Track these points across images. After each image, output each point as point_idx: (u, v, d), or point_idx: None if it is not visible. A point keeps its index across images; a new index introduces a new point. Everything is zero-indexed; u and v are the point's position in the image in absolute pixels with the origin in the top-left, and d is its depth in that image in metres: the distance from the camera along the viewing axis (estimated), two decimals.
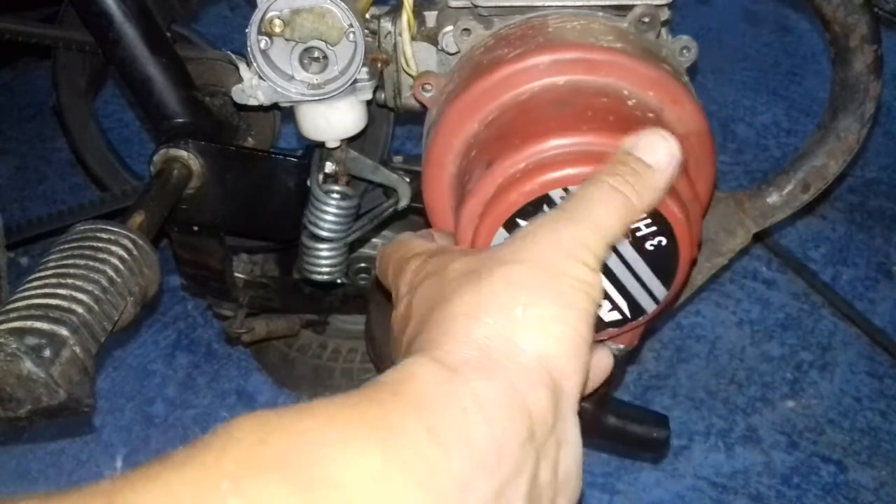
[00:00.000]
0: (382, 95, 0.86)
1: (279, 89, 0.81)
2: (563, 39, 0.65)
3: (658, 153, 0.51)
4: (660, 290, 0.61)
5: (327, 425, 0.38)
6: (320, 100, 0.82)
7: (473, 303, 0.44)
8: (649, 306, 0.61)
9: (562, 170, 0.56)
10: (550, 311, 0.44)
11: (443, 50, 0.75)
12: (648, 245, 0.59)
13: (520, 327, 0.43)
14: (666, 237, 0.58)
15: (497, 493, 0.39)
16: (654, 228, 0.58)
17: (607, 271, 0.59)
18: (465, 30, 0.69)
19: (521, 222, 0.58)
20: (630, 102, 0.63)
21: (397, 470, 0.37)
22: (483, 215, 0.59)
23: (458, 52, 0.71)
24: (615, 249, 0.58)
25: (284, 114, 0.98)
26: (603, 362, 0.58)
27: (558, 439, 0.43)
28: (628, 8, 0.70)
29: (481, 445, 0.39)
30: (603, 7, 0.69)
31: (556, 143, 0.58)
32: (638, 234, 0.58)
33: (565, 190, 0.56)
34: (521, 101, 0.63)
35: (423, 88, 0.69)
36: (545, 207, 0.57)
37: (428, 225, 0.68)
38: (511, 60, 0.63)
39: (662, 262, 0.59)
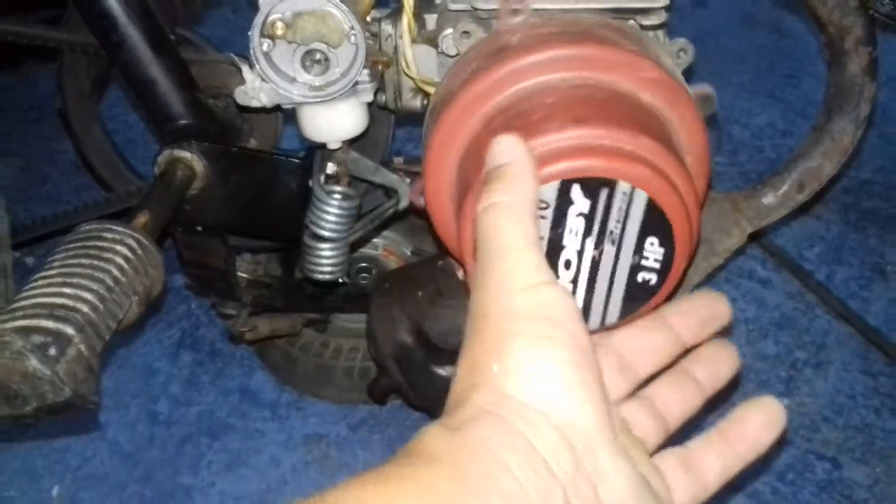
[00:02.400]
0: (383, 97, 0.86)
1: (281, 91, 0.82)
2: (565, 36, 0.66)
3: (500, 151, 0.53)
4: (613, 315, 0.62)
5: (358, 492, 0.40)
6: (322, 102, 0.83)
7: (462, 368, 0.46)
8: (593, 323, 0.61)
9: (573, 160, 0.58)
10: (516, 361, 0.44)
11: (443, 52, 0.76)
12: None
13: (501, 381, 0.44)
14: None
15: None
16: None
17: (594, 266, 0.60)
18: (465, 32, 0.70)
19: None
20: (630, 99, 0.64)
21: None
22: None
23: (458, 54, 0.72)
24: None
25: (286, 115, 0.99)
26: (764, 416, 0.57)
27: (591, 476, 0.43)
28: (626, 11, 0.71)
29: (503, 480, 0.40)
30: (601, 10, 0.70)
31: (565, 135, 0.59)
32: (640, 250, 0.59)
33: (580, 184, 0.57)
34: (526, 97, 0.64)
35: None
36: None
37: (429, 225, 0.69)
38: (513, 57, 0.64)
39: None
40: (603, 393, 0.45)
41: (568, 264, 0.60)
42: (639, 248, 0.62)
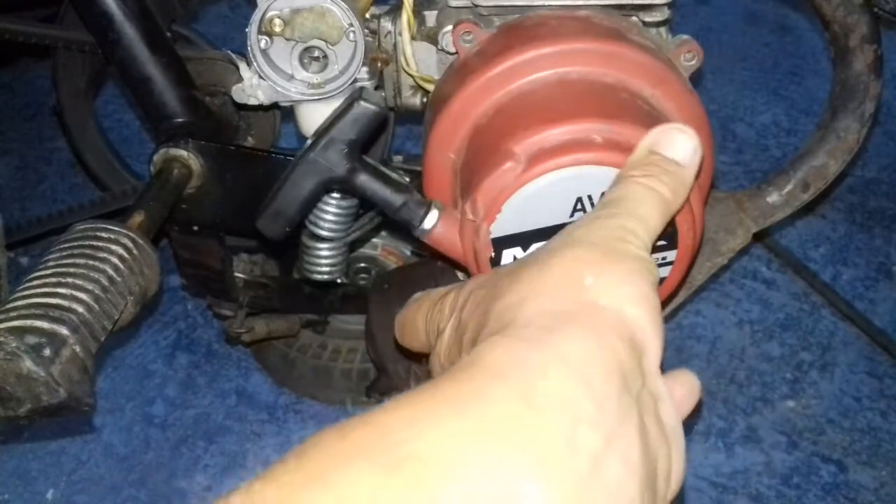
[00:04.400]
0: (383, 95, 0.86)
1: (279, 89, 0.81)
2: (566, 33, 0.65)
3: (682, 148, 0.50)
4: None
5: (406, 411, 0.36)
6: (320, 99, 0.82)
7: (537, 285, 0.43)
8: None
9: (574, 154, 0.57)
10: (619, 278, 0.42)
11: (443, 49, 0.75)
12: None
13: (593, 291, 0.42)
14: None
15: (606, 446, 0.37)
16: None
17: None
18: (466, 31, 0.69)
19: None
20: (630, 92, 0.63)
21: (491, 436, 0.35)
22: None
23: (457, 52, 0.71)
24: None
25: (284, 113, 0.98)
26: (687, 387, 0.56)
27: (653, 393, 0.42)
28: (627, 7, 0.70)
29: (577, 400, 0.37)
30: (604, 6, 0.70)
31: (568, 129, 0.58)
32: None
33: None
34: (527, 93, 0.63)
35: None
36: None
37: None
38: (517, 51, 0.63)
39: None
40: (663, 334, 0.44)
41: None
42: None
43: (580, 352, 0.39)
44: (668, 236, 0.61)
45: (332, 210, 0.89)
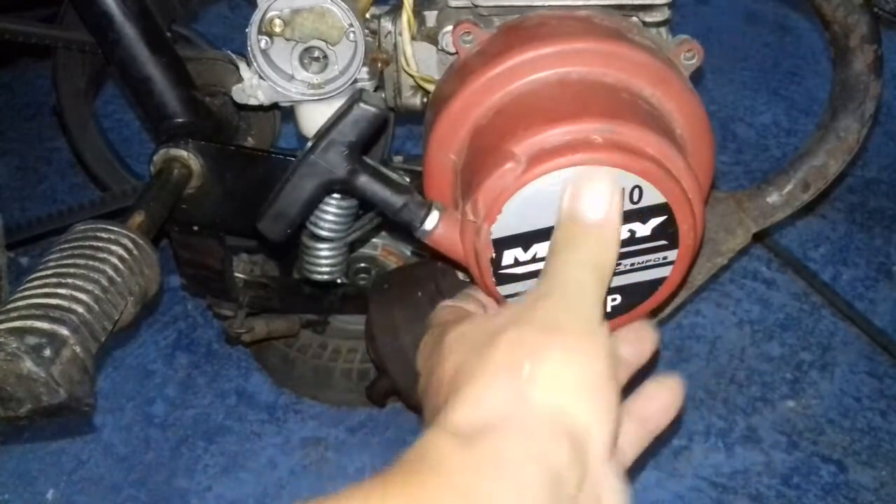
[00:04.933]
0: (383, 95, 0.85)
1: (279, 89, 0.81)
2: (567, 33, 0.65)
3: (597, 204, 0.51)
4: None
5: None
6: (320, 99, 0.82)
7: (481, 375, 0.45)
8: None
9: (577, 154, 0.57)
10: (557, 364, 0.44)
11: (443, 50, 0.75)
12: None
13: (529, 384, 0.43)
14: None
15: None
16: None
17: None
18: (466, 32, 0.69)
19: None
20: (630, 92, 0.63)
21: None
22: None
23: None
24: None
25: (284, 113, 0.98)
26: (660, 401, 0.56)
27: (594, 494, 0.43)
28: (627, 7, 0.70)
29: None
30: (603, 6, 0.70)
31: (569, 129, 0.58)
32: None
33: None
34: (527, 92, 0.63)
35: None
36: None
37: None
38: (517, 51, 0.63)
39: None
40: (619, 411, 0.45)
41: None
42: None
43: (513, 458, 0.41)
44: (668, 236, 0.61)
45: (332, 210, 0.88)
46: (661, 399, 0.56)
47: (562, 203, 0.52)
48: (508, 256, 0.61)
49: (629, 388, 0.57)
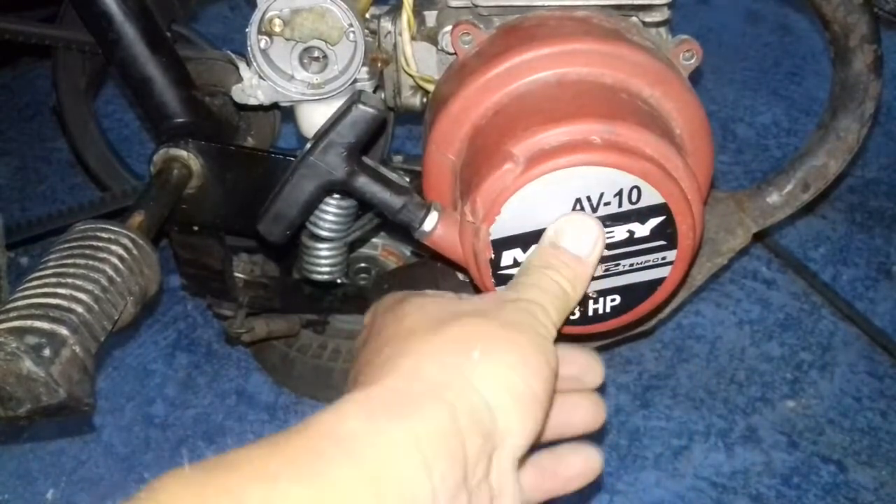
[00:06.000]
0: (382, 95, 0.86)
1: (279, 89, 0.81)
2: (566, 33, 0.65)
3: (583, 242, 0.53)
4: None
5: (254, 479, 0.38)
6: (320, 99, 0.82)
7: (430, 343, 0.45)
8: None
9: (577, 154, 0.58)
10: (508, 360, 0.44)
11: (443, 49, 0.75)
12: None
13: (476, 369, 0.43)
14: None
15: None
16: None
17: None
18: (465, 32, 0.69)
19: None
20: (629, 93, 0.63)
21: None
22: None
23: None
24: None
25: (284, 113, 0.98)
26: (581, 466, 0.56)
27: (492, 489, 0.43)
28: (626, 7, 0.70)
29: (416, 490, 0.39)
30: (602, 6, 0.70)
31: (568, 130, 0.59)
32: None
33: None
34: (527, 93, 0.63)
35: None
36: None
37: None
38: (516, 51, 0.63)
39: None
40: (540, 430, 0.46)
41: None
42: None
43: (433, 440, 0.40)
44: (667, 236, 0.61)
45: (331, 210, 0.89)
46: (578, 466, 0.57)
47: (547, 232, 0.54)
48: (507, 257, 0.61)
49: None
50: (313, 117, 0.84)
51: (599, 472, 0.56)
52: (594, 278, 0.62)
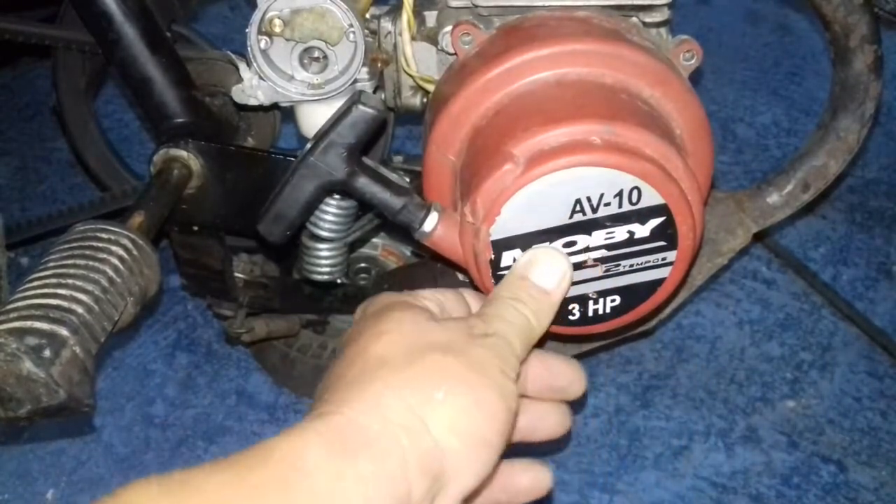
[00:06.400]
0: (382, 95, 0.85)
1: (279, 89, 0.81)
2: (566, 34, 0.65)
3: (550, 275, 0.55)
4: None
5: (217, 492, 0.40)
6: (320, 100, 0.82)
7: (397, 377, 0.47)
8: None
9: (576, 155, 0.58)
10: (465, 404, 0.46)
11: (443, 50, 0.75)
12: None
13: (435, 410, 0.45)
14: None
15: None
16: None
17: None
18: (465, 33, 0.69)
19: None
20: (629, 93, 0.63)
21: None
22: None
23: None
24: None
25: (284, 114, 0.98)
26: (530, 483, 0.58)
27: None
28: (626, 7, 0.70)
29: None
30: (602, 7, 0.70)
31: (568, 130, 0.59)
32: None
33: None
34: (526, 93, 0.63)
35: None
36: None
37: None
38: (516, 52, 0.63)
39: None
40: (497, 462, 0.48)
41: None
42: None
43: (380, 479, 0.43)
44: (667, 237, 0.61)
45: (331, 210, 0.89)
46: (527, 483, 0.58)
47: (516, 265, 0.55)
48: (507, 258, 0.61)
49: None
50: (313, 118, 0.84)
51: (548, 490, 0.59)
52: (595, 279, 0.62)
